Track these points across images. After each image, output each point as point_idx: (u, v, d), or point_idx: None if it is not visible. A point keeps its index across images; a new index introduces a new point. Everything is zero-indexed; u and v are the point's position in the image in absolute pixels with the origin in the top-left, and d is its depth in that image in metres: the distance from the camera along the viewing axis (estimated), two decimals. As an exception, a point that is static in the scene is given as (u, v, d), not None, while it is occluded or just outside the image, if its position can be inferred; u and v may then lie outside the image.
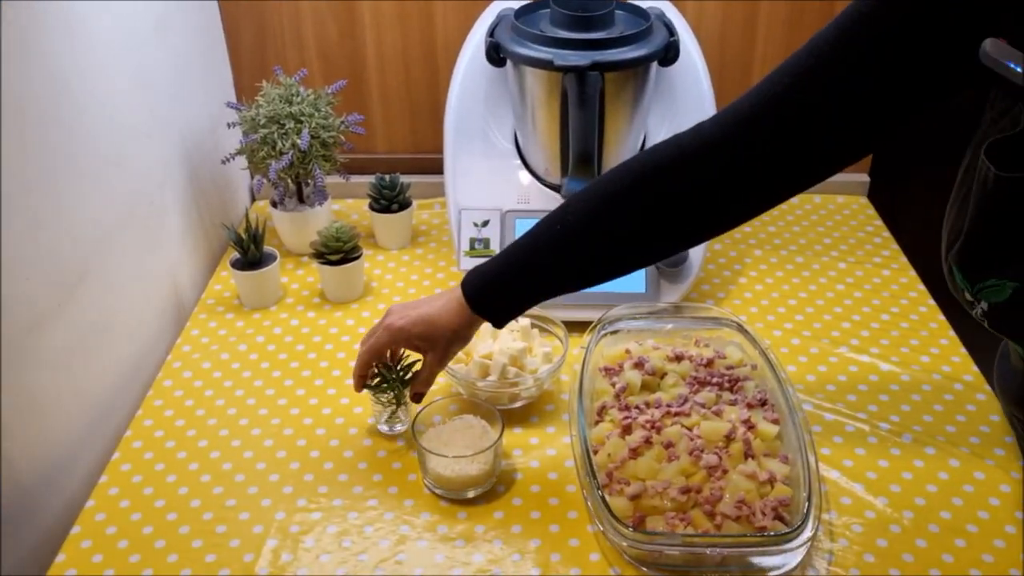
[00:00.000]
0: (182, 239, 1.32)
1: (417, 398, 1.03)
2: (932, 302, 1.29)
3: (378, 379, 1.03)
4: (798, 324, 1.26)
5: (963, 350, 1.20)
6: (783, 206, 1.53)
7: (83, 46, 1.04)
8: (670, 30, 1.20)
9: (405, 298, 1.33)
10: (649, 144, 1.27)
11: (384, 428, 1.08)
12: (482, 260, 1.21)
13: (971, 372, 1.16)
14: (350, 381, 1.15)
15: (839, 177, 1.62)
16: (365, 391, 1.04)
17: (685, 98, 1.27)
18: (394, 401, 1.05)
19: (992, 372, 1.17)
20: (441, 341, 0.97)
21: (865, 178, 1.58)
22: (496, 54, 1.19)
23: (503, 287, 0.94)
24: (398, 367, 1.04)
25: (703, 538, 0.88)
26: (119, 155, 1.14)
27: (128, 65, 1.16)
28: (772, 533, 0.88)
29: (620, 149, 1.24)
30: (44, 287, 0.96)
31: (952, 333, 1.23)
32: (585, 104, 1.11)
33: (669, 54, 1.17)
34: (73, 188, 1.02)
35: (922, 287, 1.32)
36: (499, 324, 0.96)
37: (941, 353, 1.19)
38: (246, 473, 1.03)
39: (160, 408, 1.12)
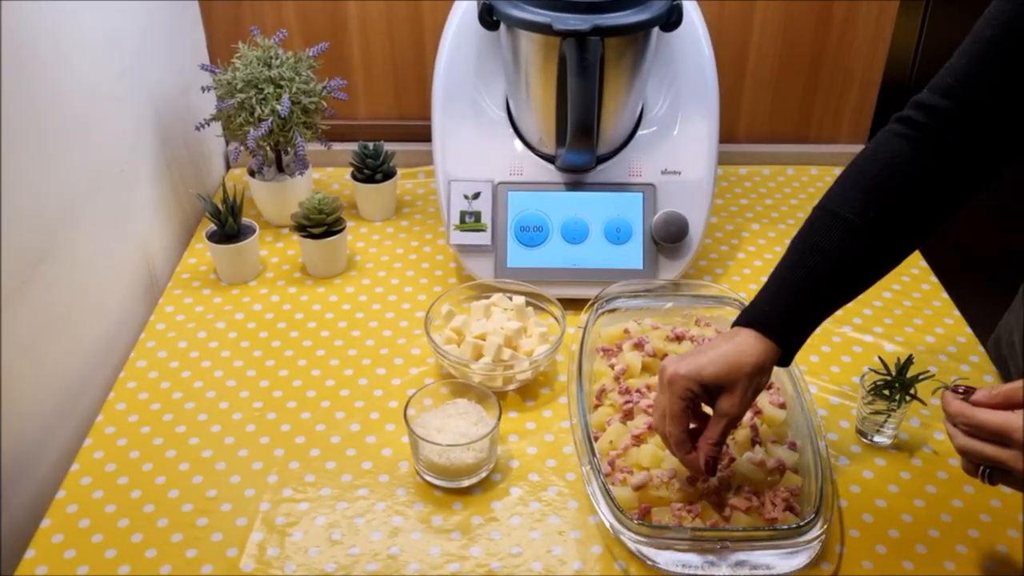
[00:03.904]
0: (154, 210, 1.25)
1: (711, 468, 0.85)
2: (935, 279, 1.26)
3: (877, 382, 0.95)
4: (799, 302, 1.22)
5: (968, 330, 1.17)
6: (779, 177, 1.50)
7: (45, 3, 0.96)
8: (672, -7, 1.14)
9: (391, 273, 1.27)
10: (648, 114, 1.22)
11: (881, 440, 1.00)
12: (473, 234, 1.18)
13: (977, 352, 1.13)
14: (336, 361, 1.11)
15: (837, 149, 1.60)
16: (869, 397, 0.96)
17: (685, 64, 1.22)
18: (893, 408, 0.96)
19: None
20: (742, 378, 0.82)
21: (863, 149, 1.54)
22: (489, 16, 1.12)
23: (799, 315, 0.85)
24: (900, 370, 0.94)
25: (713, 532, 0.84)
26: (85, 120, 1.06)
27: (94, 23, 1.08)
28: (784, 527, 0.84)
29: (618, 119, 1.18)
30: (5, 264, 0.89)
31: (957, 312, 1.20)
32: (585, 71, 1.05)
33: (672, 18, 1.11)
34: (35, 156, 0.95)
35: (924, 264, 1.29)
36: (791, 358, 0.86)
37: (946, 333, 1.16)
38: (227, 461, 0.97)
39: (133, 391, 1.06)
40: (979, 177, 0.83)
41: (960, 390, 0.72)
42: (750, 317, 0.85)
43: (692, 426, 0.85)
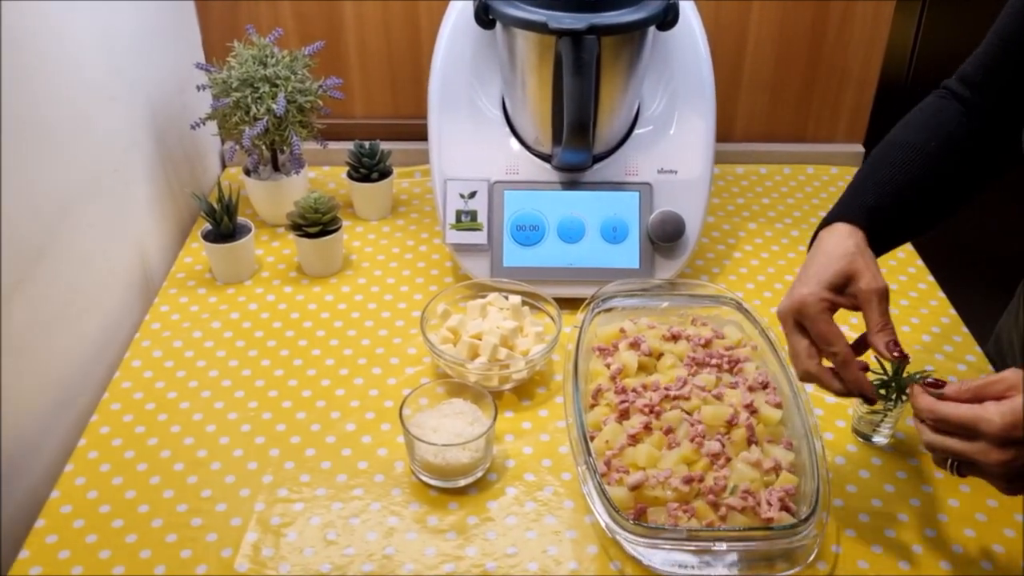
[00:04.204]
0: (149, 208, 1.25)
1: (898, 348, 0.81)
2: (931, 278, 1.26)
3: (873, 382, 0.91)
4: (795, 301, 1.21)
5: (964, 329, 1.17)
6: (776, 176, 1.50)
7: (40, 2, 0.95)
8: (668, -8, 1.14)
9: (387, 272, 1.27)
10: (644, 113, 1.22)
11: (879, 440, 0.99)
12: (469, 233, 1.18)
13: (973, 352, 1.13)
14: (331, 361, 1.10)
15: (834, 148, 1.60)
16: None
17: (681, 64, 1.22)
18: (889, 408, 0.94)
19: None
20: (859, 257, 0.80)
21: (860, 148, 1.54)
22: (485, 15, 1.12)
23: (882, 202, 0.85)
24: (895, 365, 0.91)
25: (709, 532, 0.84)
26: (80, 119, 1.06)
27: (89, 21, 1.08)
28: (779, 526, 0.84)
29: (615, 118, 1.18)
30: (1, 263, 0.89)
31: (953, 311, 1.20)
32: (581, 70, 1.05)
33: (668, 17, 1.11)
34: (31, 155, 0.94)
35: (920, 263, 1.29)
36: (879, 248, 0.86)
37: (943, 332, 1.16)
38: (222, 461, 0.97)
39: (128, 391, 1.06)
40: (1006, 162, 0.87)
41: (930, 383, 0.72)
42: (830, 217, 0.86)
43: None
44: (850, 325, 1.17)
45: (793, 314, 0.82)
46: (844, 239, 0.83)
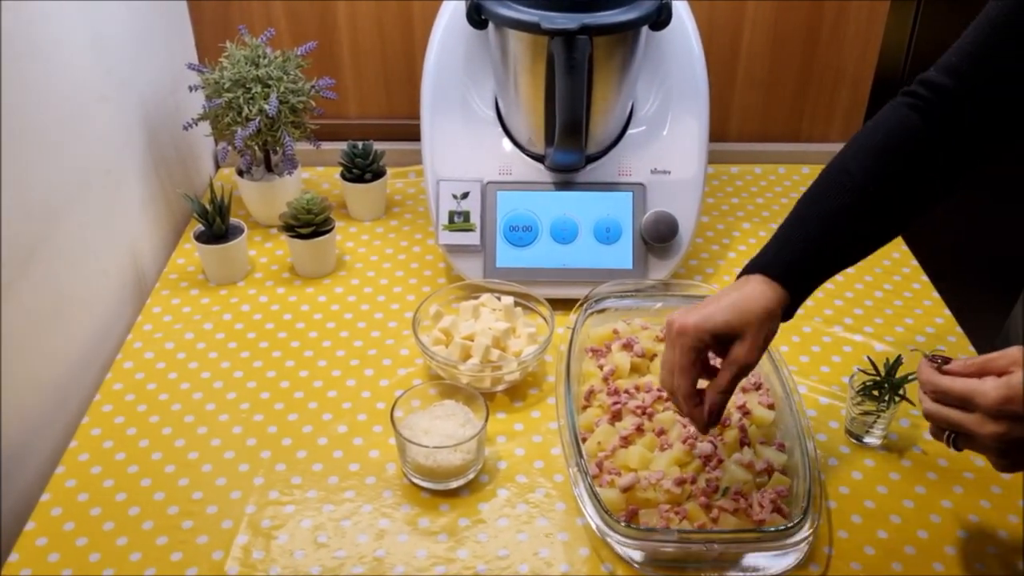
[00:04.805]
0: (142, 209, 1.24)
1: (715, 416, 0.83)
2: (925, 278, 1.26)
3: (866, 382, 0.95)
4: (789, 301, 1.21)
5: (959, 329, 1.17)
6: (771, 176, 1.50)
7: (32, 2, 0.95)
8: (661, -9, 1.13)
9: (380, 273, 1.26)
10: (637, 113, 1.22)
11: (872, 441, 0.99)
12: (462, 234, 1.17)
13: (968, 352, 1.13)
14: (323, 362, 1.10)
15: (829, 147, 1.60)
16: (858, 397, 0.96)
17: (675, 63, 1.21)
18: (882, 409, 0.96)
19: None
20: (754, 323, 0.80)
21: (855, 148, 1.53)
22: (477, 15, 1.11)
23: (808, 263, 0.84)
24: (888, 370, 0.94)
25: (700, 534, 0.84)
26: (72, 119, 1.05)
27: (81, 22, 1.07)
28: (771, 528, 0.84)
29: (608, 118, 1.18)
30: (-10, 266, 0.89)
31: (947, 311, 1.19)
32: (573, 70, 1.05)
33: (661, 17, 1.11)
34: (23, 155, 0.94)
35: (915, 263, 1.29)
36: (795, 309, 0.85)
37: (937, 332, 1.16)
38: (213, 463, 0.97)
39: (120, 392, 1.06)
40: (981, 155, 0.84)
41: (937, 360, 0.73)
42: (757, 265, 0.85)
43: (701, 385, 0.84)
44: (843, 325, 1.17)
45: (675, 331, 0.82)
46: (757, 298, 0.82)
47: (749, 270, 0.85)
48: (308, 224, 1.21)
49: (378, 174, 1.36)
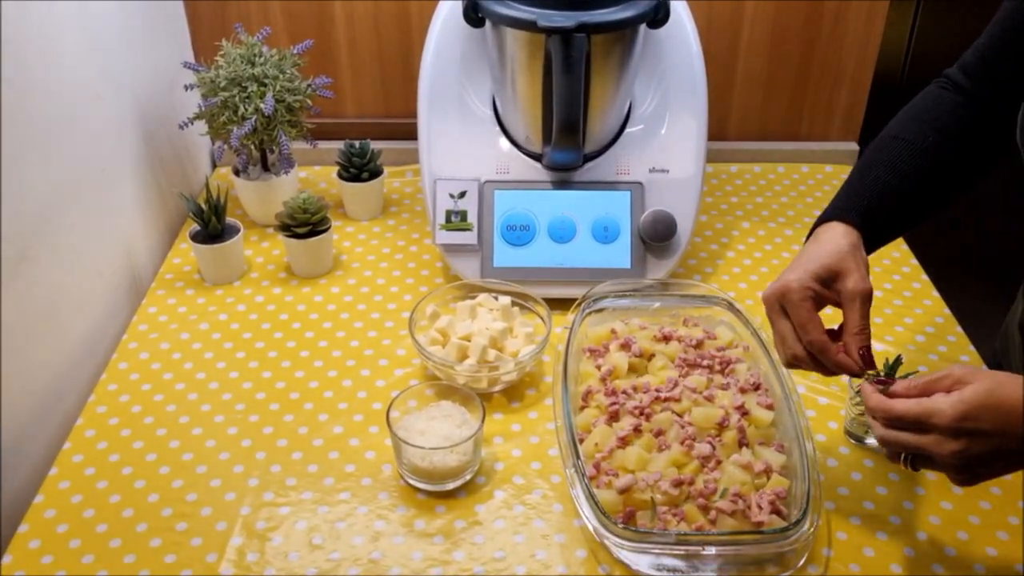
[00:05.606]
0: (137, 209, 1.24)
1: (869, 359, 0.81)
2: (925, 277, 1.25)
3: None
4: (788, 301, 1.20)
5: (959, 329, 1.16)
6: (770, 175, 1.49)
7: (27, 1, 0.95)
8: (659, -11, 1.12)
9: (377, 273, 1.26)
10: (635, 112, 1.21)
11: (871, 442, 0.98)
12: (459, 233, 1.17)
13: (968, 352, 1.12)
14: (320, 363, 1.09)
15: (828, 146, 1.59)
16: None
17: (673, 62, 1.21)
18: None
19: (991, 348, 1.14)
20: (849, 256, 0.81)
21: (855, 147, 1.53)
22: (474, 13, 1.11)
23: (879, 201, 0.86)
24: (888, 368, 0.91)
25: (698, 536, 0.83)
26: (67, 118, 1.05)
27: (76, 20, 1.06)
28: (771, 530, 0.83)
29: (605, 117, 1.17)
30: (-17, 265, 0.88)
31: (947, 311, 1.19)
32: (571, 69, 1.04)
33: (659, 15, 1.10)
34: (16, 154, 0.93)
35: (915, 262, 1.28)
36: (873, 245, 0.88)
37: (937, 332, 1.15)
38: (208, 464, 0.96)
39: (114, 393, 1.05)
40: (1001, 152, 0.88)
41: (880, 383, 0.72)
42: (828, 215, 0.87)
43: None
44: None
45: (777, 298, 0.83)
46: (839, 237, 0.84)
47: (821, 222, 0.87)
48: (304, 223, 1.20)
49: (375, 173, 1.35)
